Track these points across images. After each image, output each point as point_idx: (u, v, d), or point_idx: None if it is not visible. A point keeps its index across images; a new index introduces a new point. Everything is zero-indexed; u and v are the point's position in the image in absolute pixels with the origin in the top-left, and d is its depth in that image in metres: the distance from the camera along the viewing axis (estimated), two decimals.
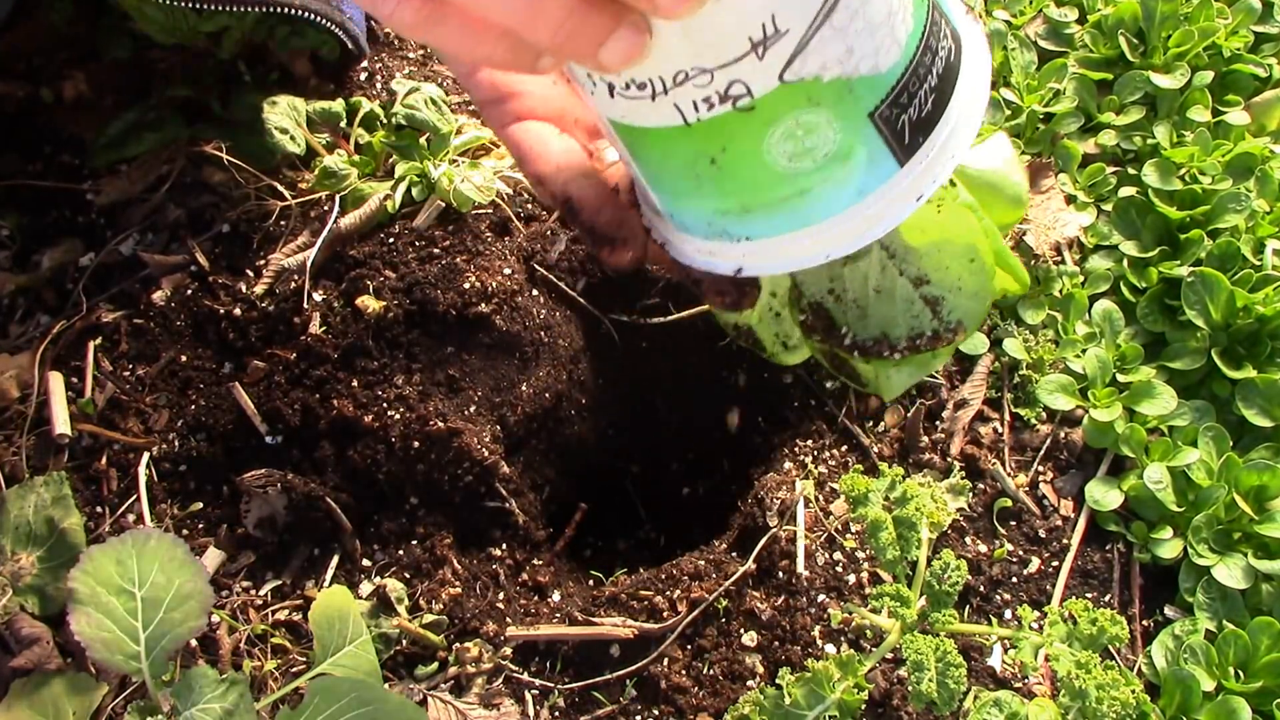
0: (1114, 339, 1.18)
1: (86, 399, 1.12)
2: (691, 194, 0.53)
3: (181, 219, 1.23)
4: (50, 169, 1.28)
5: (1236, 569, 1.04)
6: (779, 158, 0.49)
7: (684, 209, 0.55)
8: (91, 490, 1.09)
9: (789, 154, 0.49)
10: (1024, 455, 1.14)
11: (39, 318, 1.19)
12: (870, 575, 1.06)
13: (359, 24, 1.24)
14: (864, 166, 0.50)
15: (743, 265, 0.55)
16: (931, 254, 0.71)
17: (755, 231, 0.53)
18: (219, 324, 1.15)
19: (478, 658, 0.98)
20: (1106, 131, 1.32)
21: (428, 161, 1.19)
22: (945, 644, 0.89)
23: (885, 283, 0.72)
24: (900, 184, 0.51)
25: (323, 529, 1.07)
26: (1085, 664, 0.88)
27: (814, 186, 0.50)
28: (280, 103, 1.20)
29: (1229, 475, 1.08)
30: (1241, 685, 0.99)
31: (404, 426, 1.07)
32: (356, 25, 1.23)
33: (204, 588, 0.88)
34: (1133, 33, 1.36)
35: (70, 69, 1.29)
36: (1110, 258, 1.24)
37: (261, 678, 0.98)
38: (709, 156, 0.50)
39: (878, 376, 0.77)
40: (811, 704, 0.87)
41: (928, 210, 0.69)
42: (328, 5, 1.16)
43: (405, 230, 1.19)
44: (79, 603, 0.84)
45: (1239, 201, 1.21)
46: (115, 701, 0.96)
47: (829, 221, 0.52)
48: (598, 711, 0.99)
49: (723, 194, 0.52)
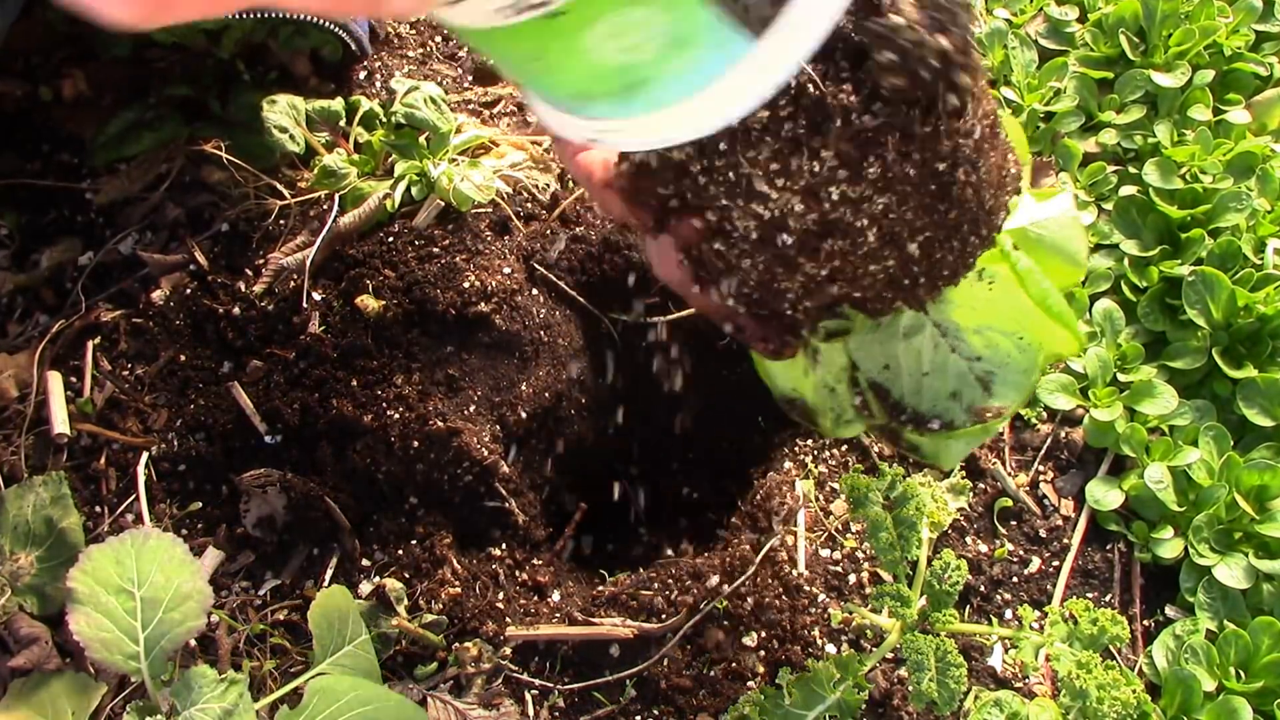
0: (1115, 338, 1.18)
1: (85, 398, 1.12)
2: (537, 82, 0.55)
3: (180, 218, 1.23)
4: (49, 168, 1.28)
5: (1237, 569, 1.04)
6: (609, 54, 0.50)
7: (535, 94, 0.58)
8: (90, 490, 1.08)
9: (619, 49, 0.50)
10: (1024, 455, 1.14)
11: (38, 317, 1.19)
12: (870, 575, 1.06)
13: (361, 25, 1.24)
14: (710, 50, 0.50)
15: (597, 139, 0.57)
16: (983, 332, 0.73)
17: (606, 113, 0.54)
18: (218, 323, 1.15)
19: (477, 657, 0.98)
20: (1107, 130, 1.32)
21: (427, 160, 1.19)
22: (946, 644, 0.89)
23: (938, 360, 0.74)
24: (757, 60, 0.50)
25: (322, 528, 1.06)
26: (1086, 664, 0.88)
27: (656, 75, 0.51)
28: (279, 102, 1.19)
29: (1230, 475, 1.08)
30: (1242, 685, 0.99)
31: (403, 426, 1.06)
32: (359, 26, 1.23)
33: (203, 587, 0.88)
34: (1133, 31, 1.36)
35: (69, 68, 1.29)
36: (1111, 257, 1.24)
37: (261, 677, 0.97)
38: (534, 56, 0.52)
39: (936, 448, 0.78)
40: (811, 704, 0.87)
41: (979, 289, 0.71)
42: None
43: (405, 229, 1.18)
44: (78, 602, 0.84)
45: (1240, 200, 1.21)
46: (114, 701, 0.96)
47: (683, 103, 0.52)
48: (597, 711, 0.98)
49: (561, 84, 0.54)
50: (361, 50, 1.25)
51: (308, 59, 1.31)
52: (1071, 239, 0.78)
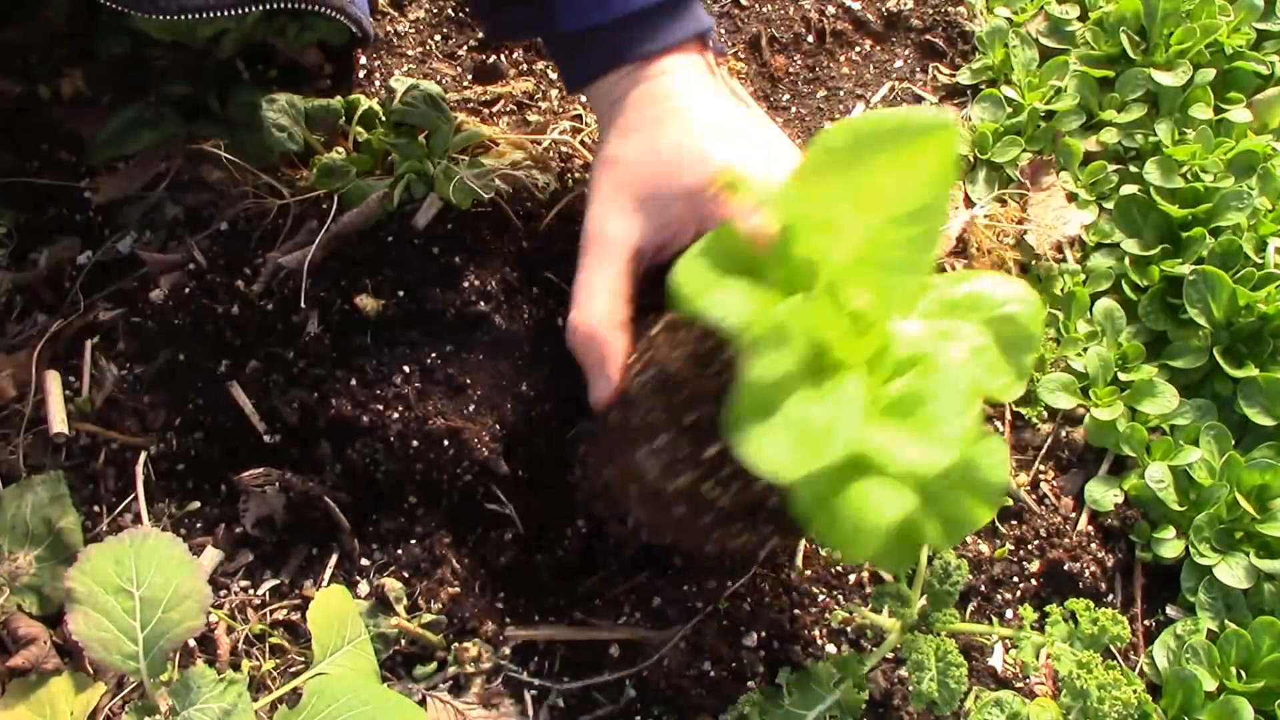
0: (1115, 337, 1.18)
1: (84, 397, 1.12)
2: None
3: (179, 217, 1.23)
4: (47, 166, 1.27)
5: (1238, 568, 1.04)
6: None
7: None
8: (89, 489, 1.08)
9: None
10: (1025, 454, 1.14)
11: (36, 316, 1.18)
12: (871, 574, 1.06)
13: (361, 6, 1.23)
14: None
15: None
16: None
17: None
18: (217, 322, 1.15)
19: (477, 657, 0.98)
20: (1108, 129, 1.31)
21: (427, 159, 1.19)
22: (946, 644, 0.89)
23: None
24: None
25: (321, 528, 1.06)
26: (1087, 664, 0.88)
27: None
28: (279, 100, 1.19)
29: (1231, 474, 1.07)
30: (1244, 685, 0.98)
31: (402, 425, 1.06)
32: (359, 8, 1.22)
33: (202, 587, 0.88)
34: (1134, 30, 1.36)
35: (67, 66, 1.29)
36: (1112, 256, 1.23)
37: (260, 677, 0.97)
38: None
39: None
40: (811, 704, 0.87)
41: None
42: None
43: (404, 228, 1.18)
44: (76, 602, 0.84)
45: (1241, 199, 1.21)
46: (113, 701, 0.96)
47: None
48: (597, 711, 0.98)
49: None
50: (364, 33, 1.25)
51: (317, 49, 1.30)
52: (980, 471, 0.78)
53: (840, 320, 0.73)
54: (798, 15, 1.44)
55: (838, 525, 0.72)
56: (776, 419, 0.69)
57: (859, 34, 1.45)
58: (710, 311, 0.75)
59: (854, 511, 0.71)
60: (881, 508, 0.71)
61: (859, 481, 0.72)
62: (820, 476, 0.70)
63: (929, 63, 1.42)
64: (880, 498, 0.71)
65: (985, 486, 0.77)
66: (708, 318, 0.75)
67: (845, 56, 1.43)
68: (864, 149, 0.73)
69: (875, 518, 0.71)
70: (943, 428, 0.71)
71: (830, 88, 1.36)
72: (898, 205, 0.74)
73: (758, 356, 0.71)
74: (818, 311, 0.73)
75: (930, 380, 0.74)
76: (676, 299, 0.77)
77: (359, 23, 1.21)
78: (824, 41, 1.43)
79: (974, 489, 0.77)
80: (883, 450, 0.71)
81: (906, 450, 0.70)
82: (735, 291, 0.76)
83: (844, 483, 0.72)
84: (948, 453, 0.70)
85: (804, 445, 0.69)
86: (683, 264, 0.79)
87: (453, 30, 1.43)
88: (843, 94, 1.39)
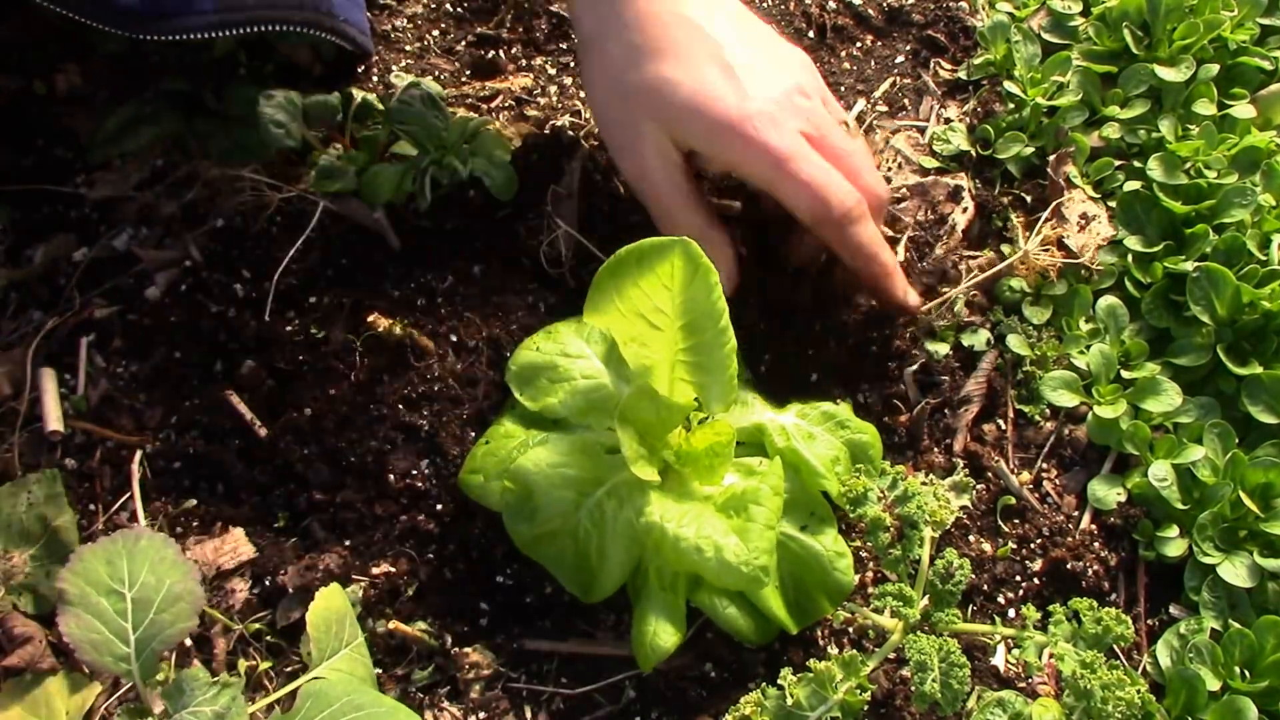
0: (1118, 335, 1.17)
1: (79, 396, 1.11)
2: None
3: (176, 214, 1.22)
4: (43, 163, 1.26)
5: (1242, 567, 1.03)
6: None
7: None
8: (84, 488, 1.07)
9: None
10: (1027, 452, 1.13)
11: (31, 313, 1.18)
12: (873, 574, 1.05)
13: (357, 24, 1.22)
14: None
15: None
16: None
17: None
18: (213, 320, 1.14)
19: (475, 663, 0.97)
20: (1110, 125, 1.30)
21: (425, 155, 1.18)
22: (949, 644, 0.88)
23: None
24: None
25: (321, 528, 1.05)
26: (1090, 663, 0.88)
27: None
28: (276, 96, 1.18)
29: (1234, 473, 1.07)
30: (1247, 684, 0.98)
31: (402, 425, 1.05)
32: (355, 25, 1.21)
33: (195, 588, 0.87)
34: (1137, 25, 1.35)
35: (63, 62, 1.28)
36: (1115, 253, 1.23)
37: (256, 679, 0.97)
38: None
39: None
40: (814, 704, 0.86)
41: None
42: (316, 13, 1.15)
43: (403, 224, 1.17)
44: (68, 604, 0.83)
45: (1244, 196, 1.20)
46: (109, 701, 0.95)
47: None
48: (597, 712, 0.97)
49: None
50: (361, 49, 1.24)
51: (310, 49, 1.30)
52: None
53: (658, 411, 0.94)
54: (798, 10, 1.44)
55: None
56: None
57: (860, 29, 1.44)
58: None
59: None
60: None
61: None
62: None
63: (930, 58, 1.41)
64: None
65: (837, 587, 0.97)
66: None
67: (846, 52, 1.42)
68: (621, 271, 0.94)
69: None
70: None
71: (832, 83, 1.35)
72: (674, 317, 0.95)
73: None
74: (637, 403, 0.92)
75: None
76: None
77: (354, 40, 1.20)
78: (825, 37, 1.42)
79: (826, 587, 0.97)
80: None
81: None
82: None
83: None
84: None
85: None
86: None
87: (451, 25, 1.42)
88: (844, 90, 1.38)
